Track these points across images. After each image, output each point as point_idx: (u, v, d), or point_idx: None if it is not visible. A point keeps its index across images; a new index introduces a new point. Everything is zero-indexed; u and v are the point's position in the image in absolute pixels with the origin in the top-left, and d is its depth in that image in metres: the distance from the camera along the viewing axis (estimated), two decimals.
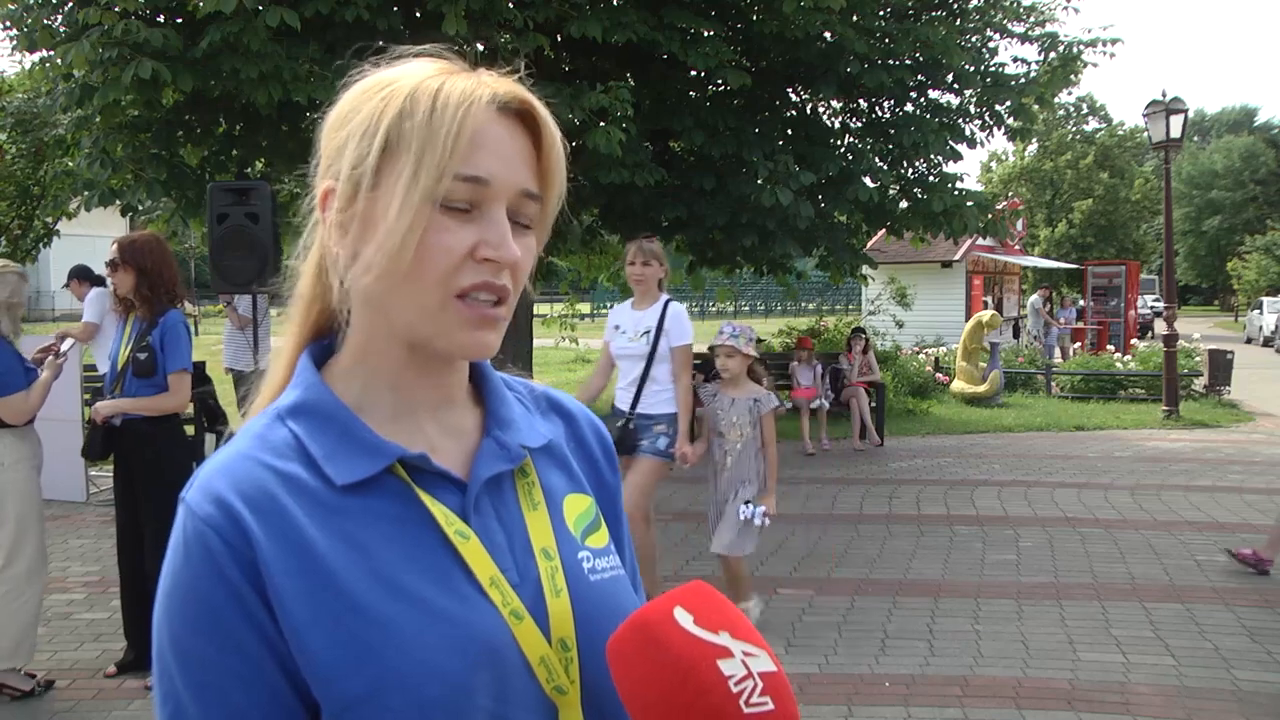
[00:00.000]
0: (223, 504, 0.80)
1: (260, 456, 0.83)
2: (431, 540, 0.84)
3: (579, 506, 0.95)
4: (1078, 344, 20.51)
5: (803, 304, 36.37)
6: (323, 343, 0.92)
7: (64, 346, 4.55)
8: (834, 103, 11.02)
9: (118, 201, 9.18)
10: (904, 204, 10.87)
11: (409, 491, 0.85)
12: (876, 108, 11.08)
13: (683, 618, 0.76)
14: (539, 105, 0.87)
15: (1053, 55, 11.32)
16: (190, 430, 6.30)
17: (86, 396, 7.81)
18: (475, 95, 0.83)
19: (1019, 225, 25.40)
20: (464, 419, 0.93)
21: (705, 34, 8.60)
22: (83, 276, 7.98)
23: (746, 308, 43.59)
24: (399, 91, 0.84)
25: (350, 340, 0.90)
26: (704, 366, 10.97)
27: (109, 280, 4.47)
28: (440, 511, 0.85)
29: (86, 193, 8.88)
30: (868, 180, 10.17)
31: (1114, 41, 11.25)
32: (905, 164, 10.81)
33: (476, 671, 0.80)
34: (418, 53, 0.89)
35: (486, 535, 0.86)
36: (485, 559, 0.85)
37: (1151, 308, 31.19)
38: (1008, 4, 11.06)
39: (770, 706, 0.74)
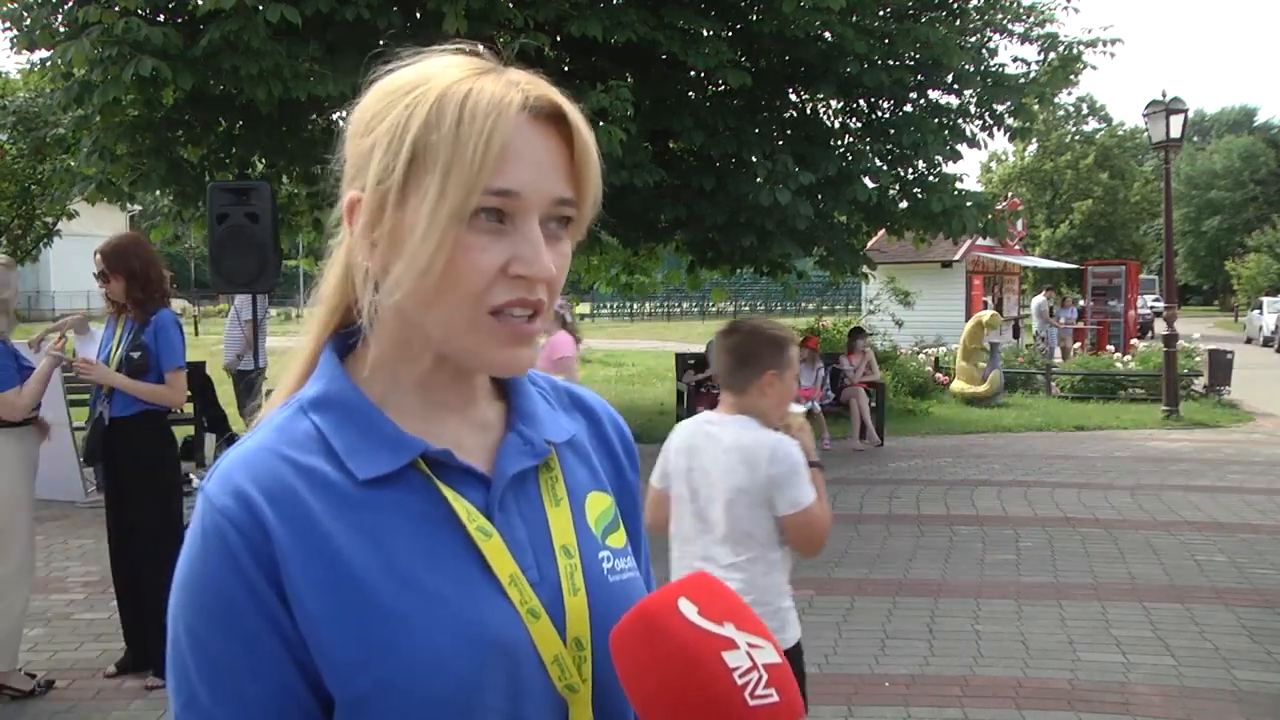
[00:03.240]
0: (241, 496, 0.80)
1: (281, 449, 0.83)
2: (452, 537, 0.83)
3: (600, 505, 0.95)
4: (1078, 344, 20.52)
5: (802, 304, 36.35)
6: (345, 338, 0.91)
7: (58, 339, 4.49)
8: (833, 103, 11.02)
9: (117, 198, 9.18)
10: (903, 204, 10.87)
11: (432, 487, 0.84)
12: (876, 108, 11.09)
13: (687, 609, 0.76)
14: (571, 108, 0.84)
15: (1053, 55, 11.32)
16: (182, 430, 6.27)
17: (70, 398, 7.80)
18: (505, 102, 0.80)
19: (1019, 225, 25.40)
20: (488, 412, 0.93)
21: (705, 34, 8.61)
22: None
23: (746, 308, 43.60)
24: (425, 97, 0.81)
25: (378, 343, 0.88)
26: (698, 365, 10.99)
27: (100, 288, 4.41)
28: (463, 508, 0.84)
29: (82, 183, 8.88)
30: (867, 180, 10.17)
31: (1114, 41, 11.25)
32: (905, 164, 10.81)
33: (489, 670, 0.80)
34: (444, 50, 0.86)
35: (509, 532, 0.86)
36: (506, 557, 0.84)
37: (1151, 308, 31.17)
38: (1008, 4, 11.06)
39: (775, 698, 0.74)
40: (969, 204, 10.36)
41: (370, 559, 0.80)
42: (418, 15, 8.43)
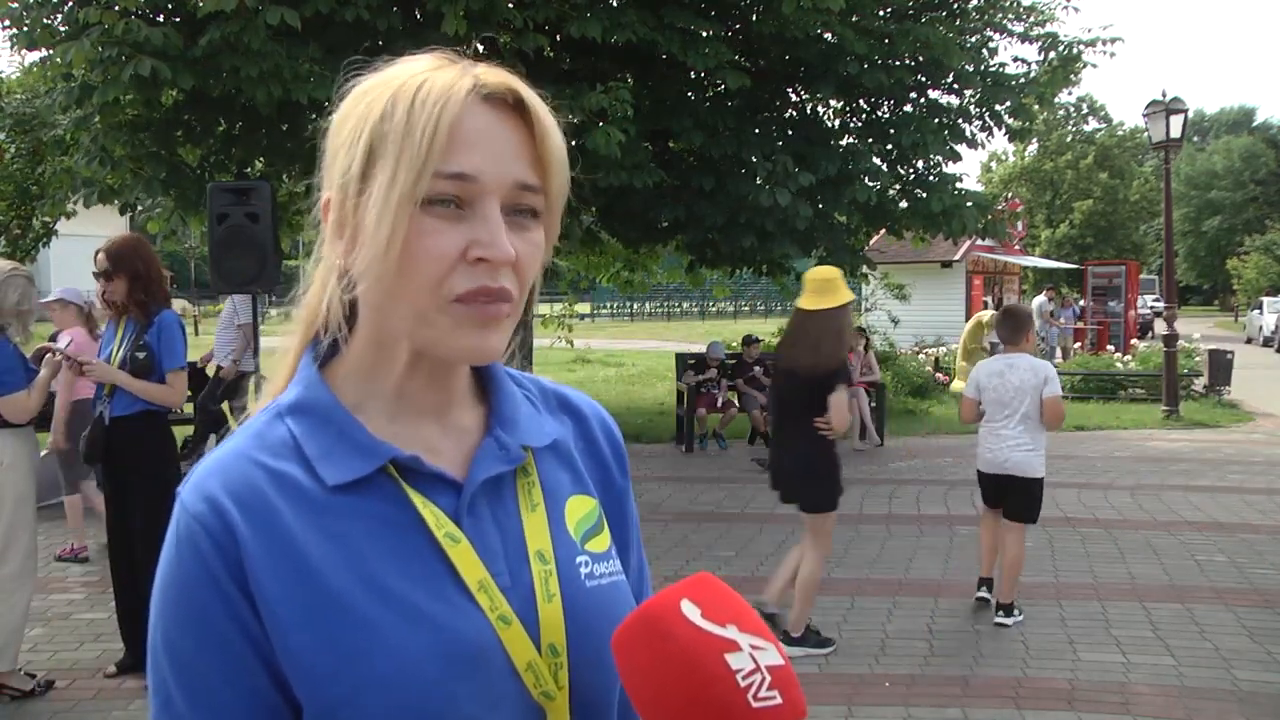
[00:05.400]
0: (213, 502, 0.80)
1: (255, 455, 0.83)
2: (420, 543, 0.83)
3: (582, 509, 0.94)
4: (1078, 344, 20.51)
5: None
6: (326, 343, 0.91)
7: (60, 343, 4.51)
8: (833, 103, 11.02)
9: (116, 200, 9.17)
10: (903, 204, 10.87)
11: (400, 493, 0.84)
12: (876, 108, 11.08)
13: (690, 610, 0.76)
14: (529, 92, 0.84)
15: (1052, 55, 11.32)
16: (182, 430, 6.25)
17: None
18: (455, 88, 0.80)
19: (1019, 226, 25.39)
20: (466, 417, 0.92)
21: (705, 34, 8.60)
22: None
23: (746, 308, 43.59)
24: (382, 94, 0.82)
25: (354, 343, 0.88)
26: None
27: (101, 288, 4.41)
28: (431, 513, 0.83)
29: (85, 190, 8.87)
30: (867, 180, 10.17)
31: (1114, 41, 11.25)
32: (905, 164, 10.81)
33: (460, 677, 0.79)
34: (418, 53, 0.87)
35: (479, 538, 0.85)
36: (475, 562, 0.83)
37: (1151, 308, 31.18)
38: (1008, 4, 11.06)
39: (778, 700, 0.74)
40: (969, 204, 10.37)
41: (339, 566, 0.80)
42: (418, 16, 8.43)
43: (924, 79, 10.60)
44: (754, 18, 9.35)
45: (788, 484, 4.80)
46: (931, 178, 10.70)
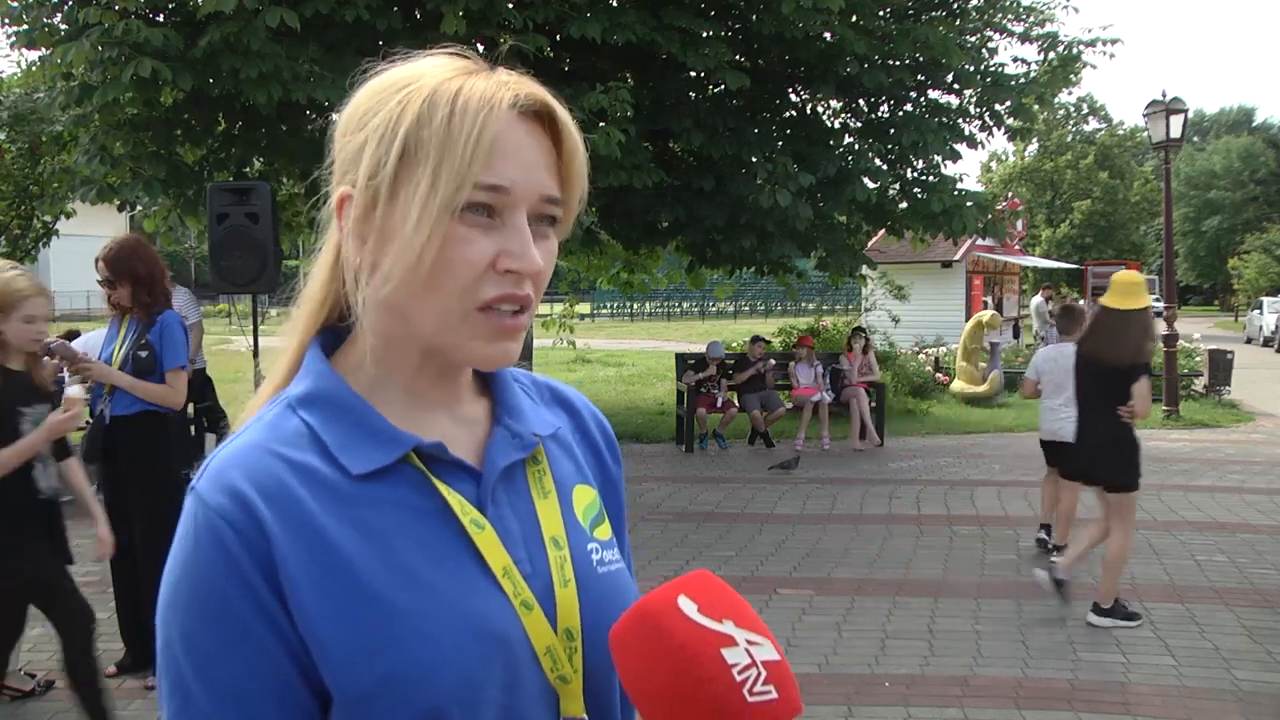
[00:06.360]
0: (236, 494, 0.79)
1: (273, 446, 0.83)
2: (447, 530, 0.84)
3: (586, 498, 0.96)
4: None
5: (803, 304, 36.32)
6: (330, 335, 0.91)
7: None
8: (833, 103, 11.02)
9: (115, 199, 9.17)
10: (903, 204, 10.87)
11: (425, 481, 0.85)
12: (876, 108, 11.09)
13: (686, 606, 0.76)
14: (560, 107, 0.85)
15: (1052, 55, 11.32)
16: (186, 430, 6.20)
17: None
18: (495, 99, 0.81)
19: (1019, 225, 25.39)
20: (473, 409, 0.93)
21: (705, 34, 8.60)
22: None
23: (746, 308, 43.58)
24: (417, 95, 0.82)
25: (363, 340, 0.88)
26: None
27: (106, 294, 4.40)
28: (456, 501, 0.85)
29: (84, 188, 8.87)
30: (867, 180, 10.17)
31: (1114, 41, 11.26)
32: (904, 164, 10.81)
33: (488, 663, 0.80)
34: (435, 52, 0.87)
35: (501, 525, 0.86)
36: (499, 549, 0.85)
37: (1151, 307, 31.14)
38: (1008, 4, 11.06)
39: (774, 695, 0.74)
40: (969, 204, 10.37)
41: (368, 555, 0.80)
42: (417, 16, 8.43)
43: (924, 79, 10.60)
44: (754, 18, 9.35)
45: (1092, 465, 5.28)
46: (931, 178, 10.70)
